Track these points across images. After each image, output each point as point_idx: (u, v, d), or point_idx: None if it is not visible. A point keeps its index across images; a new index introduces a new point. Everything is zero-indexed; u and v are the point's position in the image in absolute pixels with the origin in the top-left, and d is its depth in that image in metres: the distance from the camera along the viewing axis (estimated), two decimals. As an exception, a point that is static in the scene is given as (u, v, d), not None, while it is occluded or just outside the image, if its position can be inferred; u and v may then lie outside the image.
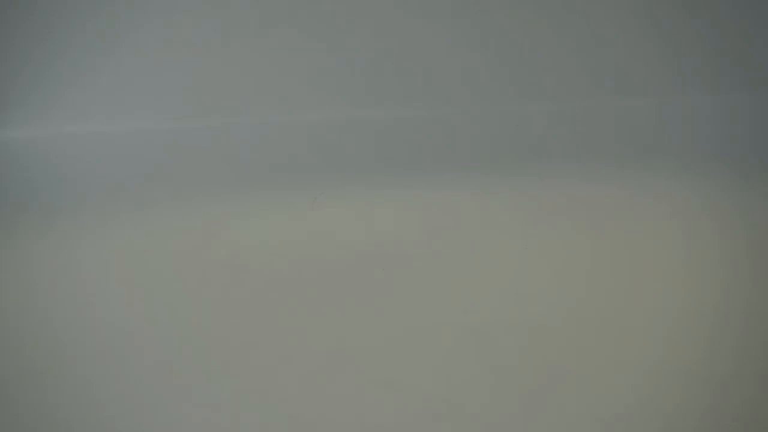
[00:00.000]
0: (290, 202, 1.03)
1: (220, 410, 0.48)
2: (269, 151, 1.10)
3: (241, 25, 1.07)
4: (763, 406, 0.51)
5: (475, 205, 0.97)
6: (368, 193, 1.05)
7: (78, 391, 0.51)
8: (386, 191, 1.05)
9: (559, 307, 0.76)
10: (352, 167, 1.15)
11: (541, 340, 0.66)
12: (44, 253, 0.81)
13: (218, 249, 0.84)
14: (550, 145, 1.05)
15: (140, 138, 1.04)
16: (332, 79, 1.05)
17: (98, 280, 0.76)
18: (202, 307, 0.67)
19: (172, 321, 0.64)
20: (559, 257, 0.74)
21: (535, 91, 1.09)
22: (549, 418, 0.47)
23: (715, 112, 1.05)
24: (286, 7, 1.07)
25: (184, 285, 0.74)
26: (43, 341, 0.58)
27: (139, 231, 0.89)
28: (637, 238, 0.88)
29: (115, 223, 0.91)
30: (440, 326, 0.62)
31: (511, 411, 0.48)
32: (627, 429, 0.46)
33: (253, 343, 0.59)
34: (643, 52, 1.08)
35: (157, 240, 0.88)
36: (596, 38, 1.08)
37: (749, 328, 0.74)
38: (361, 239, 0.87)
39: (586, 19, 1.07)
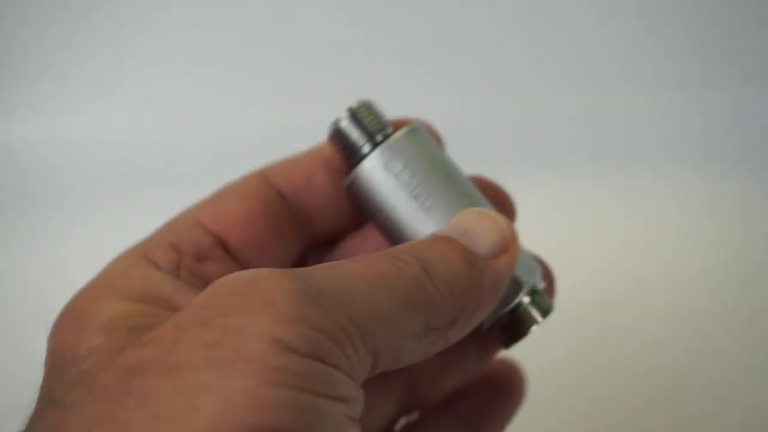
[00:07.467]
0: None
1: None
2: (268, 152, 1.09)
3: (246, 24, 1.07)
4: None
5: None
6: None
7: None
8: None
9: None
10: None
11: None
12: (39, 254, 0.81)
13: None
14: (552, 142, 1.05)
15: (139, 138, 1.04)
16: (332, 79, 1.05)
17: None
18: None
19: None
20: (558, 256, 0.73)
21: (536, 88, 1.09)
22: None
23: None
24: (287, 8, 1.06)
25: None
26: (41, 341, 0.58)
27: (137, 231, 0.89)
28: (637, 237, 0.88)
29: (112, 224, 0.91)
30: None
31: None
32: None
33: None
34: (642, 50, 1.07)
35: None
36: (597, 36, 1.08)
37: (750, 329, 0.73)
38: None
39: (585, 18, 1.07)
